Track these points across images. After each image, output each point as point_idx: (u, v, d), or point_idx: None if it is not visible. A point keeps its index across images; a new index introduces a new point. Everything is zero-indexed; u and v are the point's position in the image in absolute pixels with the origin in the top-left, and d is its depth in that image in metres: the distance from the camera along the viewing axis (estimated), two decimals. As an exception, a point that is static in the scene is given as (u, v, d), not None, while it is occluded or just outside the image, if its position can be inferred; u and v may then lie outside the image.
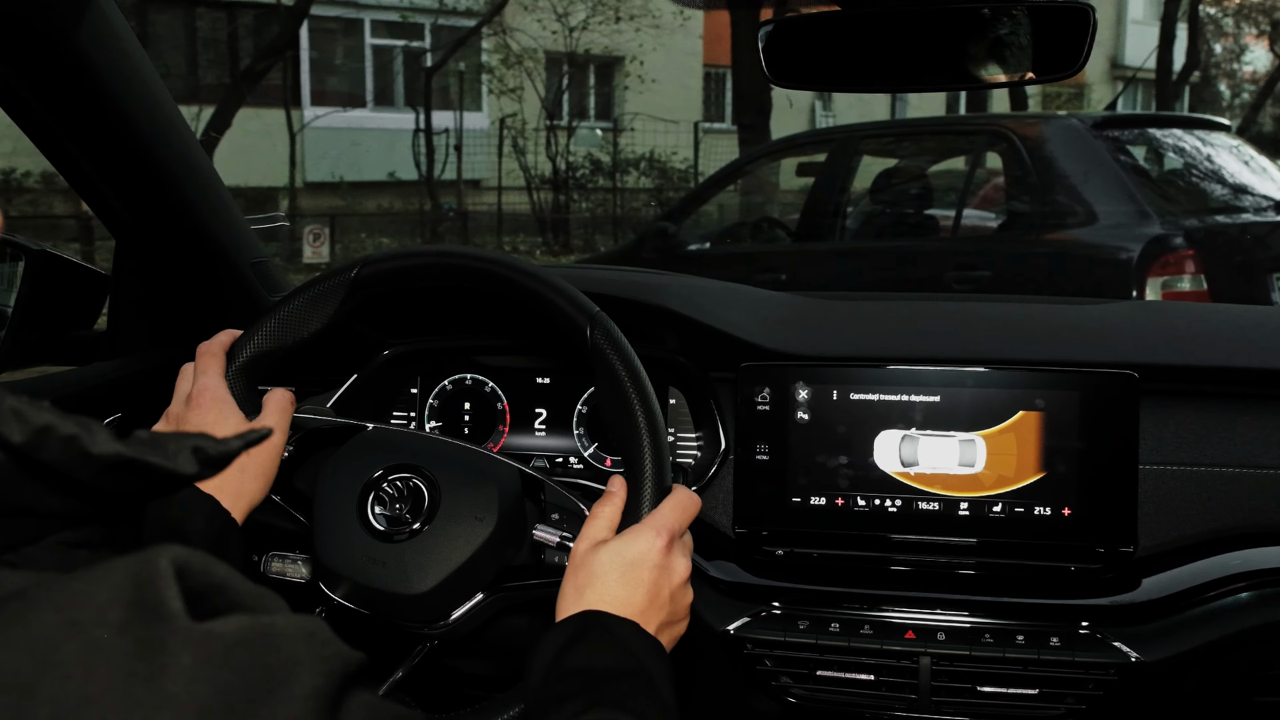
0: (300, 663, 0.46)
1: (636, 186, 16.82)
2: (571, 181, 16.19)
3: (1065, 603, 1.42)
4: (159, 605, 0.44)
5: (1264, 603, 1.41)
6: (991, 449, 1.46)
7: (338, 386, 1.56)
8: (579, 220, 16.10)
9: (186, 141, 1.40)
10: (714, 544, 1.52)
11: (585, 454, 1.62)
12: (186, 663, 0.43)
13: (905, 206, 5.85)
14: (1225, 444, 1.47)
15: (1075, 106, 21.90)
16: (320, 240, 11.93)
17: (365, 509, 1.18)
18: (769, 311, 1.66)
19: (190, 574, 0.46)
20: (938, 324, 1.62)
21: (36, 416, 0.47)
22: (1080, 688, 1.38)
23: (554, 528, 1.21)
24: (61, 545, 0.54)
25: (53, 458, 0.48)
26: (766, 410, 1.50)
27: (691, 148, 16.60)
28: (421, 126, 15.46)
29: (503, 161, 15.62)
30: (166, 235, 1.45)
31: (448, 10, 17.14)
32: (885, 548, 1.49)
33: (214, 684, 0.43)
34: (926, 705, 1.41)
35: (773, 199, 8.62)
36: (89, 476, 0.50)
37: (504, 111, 15.99)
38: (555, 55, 17.48)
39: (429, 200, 15.40)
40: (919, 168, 6.11)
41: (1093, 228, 4.90)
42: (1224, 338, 1.58)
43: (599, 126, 18.04)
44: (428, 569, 1.15)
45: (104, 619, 0.43)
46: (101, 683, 0.41)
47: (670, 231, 6.62)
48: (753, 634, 1.44)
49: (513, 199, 15.84)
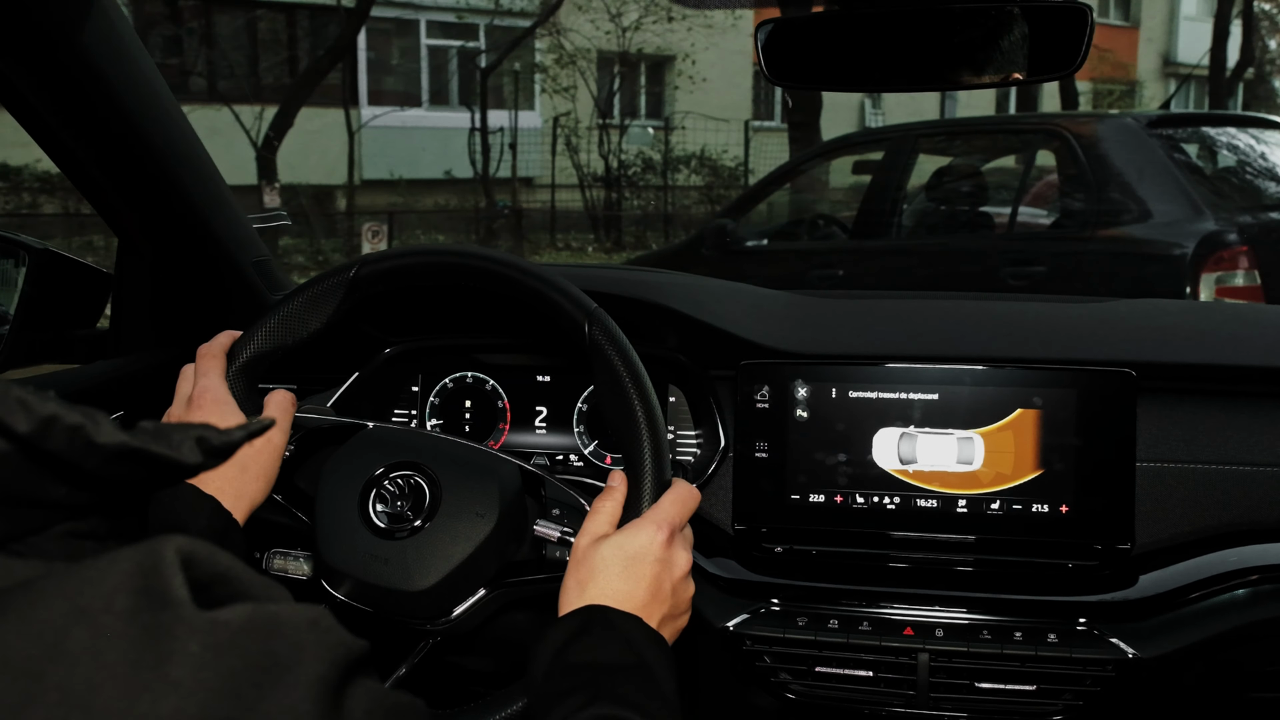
0: (304, 649, 0.47)
1: (687, 184, 16.92)
2: (623, 179, 16.35)
3: (1063, 599, 1.42)
4: (165, 593, 0.45)
5: (1261, 599, 1.41)
6: (989, 447, 1.46)
7: (339, 385, 1.59)
8: (630, 217, 16.25)
9: (189, 140, 1.42)
10: (713, 541, 1.54)
11: (585, 452, 1.63)
12: (192, 649, 0.43)
13: (960, 204, 5.88)
14: (1222, 441, 1.47)
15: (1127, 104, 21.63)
16: (379, 237, 12.18)
17: (367, 507, 1.19)
18: (768, 310, 1.67)
19: (196, 563, 0.47)
20: (936, 322, 1.62)
21: (42, 407, 0.48)
22: (1078, 684, 1.38)
23: (555, 523, 1.21)
24: (67, 535, 0.55)
25: (58, 447, 0.49)
26: (766, 408, 1.51)
27: (741, 146, 16.69)
28: (477, 125, 15.72)
29: (556, 159, 15.81)
30: (169, 234, 1.47)
31: (503, 11, 17.35)
32: (884, 545, 1.50)
33: (219, 670, 0.44)
34: (925, 701, 1.42)
35: (823, 196, 8.65)
36: (94, 466, 0.51)
37: (557, 110, 16.17)
38: (607, 55, 17.61)
39: (484, 198, 15.61)
40: (973, 165, 6.14)
41: (1147, 224, 4.89)
42: (1221, 336, 1.57)
43: (650, 125, 18.19)
44: (430, 565, 1.16)
45: (111, 606, 0.44)
46: (109, 669, 0.42)
47: (728, 228, 6.67)
48: (752, 630, 1.46)
49: (565, 196, 16.01)
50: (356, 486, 1.20)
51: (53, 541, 0.54)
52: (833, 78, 1.48)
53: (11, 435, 0.47)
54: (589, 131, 16.11)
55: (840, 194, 8.87)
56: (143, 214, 1.45)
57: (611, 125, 16.49)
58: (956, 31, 1.32)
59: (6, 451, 0.48)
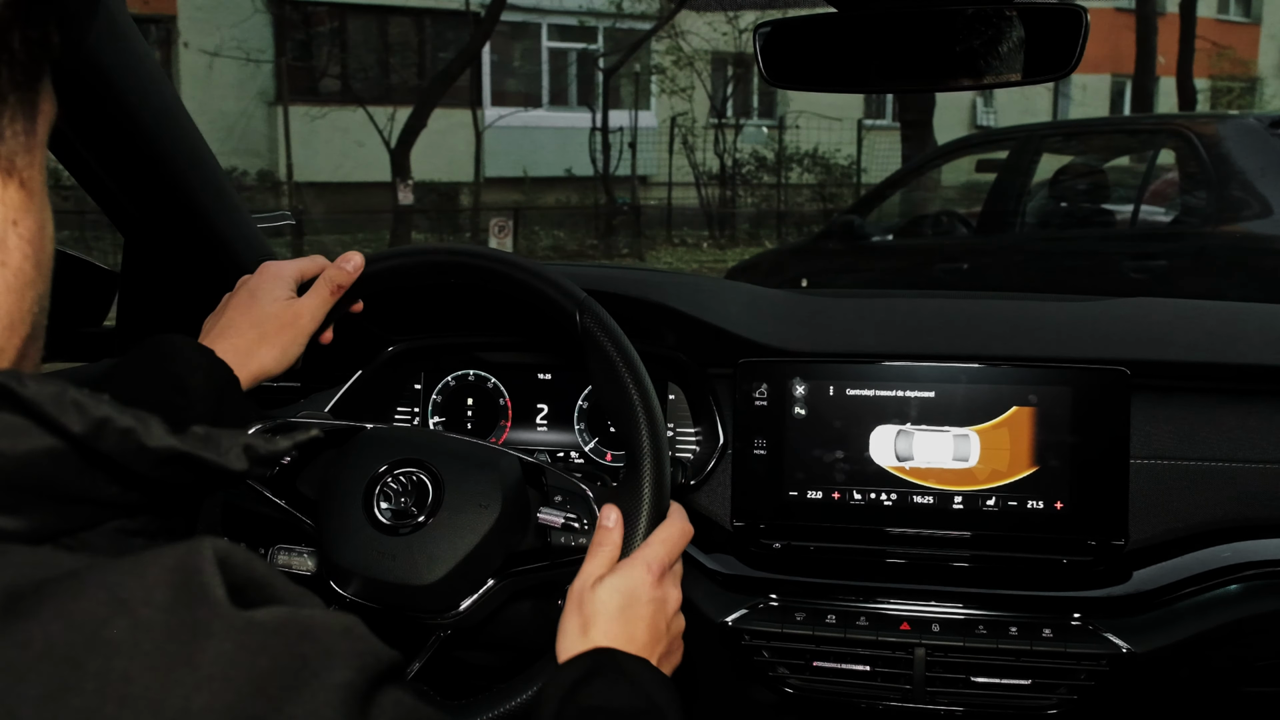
0: (334, 655, 0.47)
1: (800, 182, 17.34)
2: (738, 177, 16.77)
3: (1057, 595, 1.44)
4: (204, 590, 0.46)
5: (1253, 595, 1.43)
6: (985, 444, 1.48)
7: (343, 383, 1.60)
8: (744, 215, 16.68)
9: (194, 141, 1.42)
10: (712, 537, 1.55)
11: (586, 449, 1.65)
12: (225, 647, 0.44)
13: (1082, 201, 6.14)
14: (1215, 438, 1.49)
15: (1247, 102, 21.75)
16: (505, 232, 12.58)
17: (371, 505, 1.19)
18: (767, 309, 1.68)
19: (232, 566, 0.48)
20: (932, 321, 1.64)
21: (96, 409, 0.49)
22: (1072, 678, 1.40)
23: (557, 509, 1.22)
24: (118, 532, 0.56)
25: (110, 448, 0.50)
26: (764, 406, 1.53)
27: (854, 144, 16.95)
28: (598, 125, 16.29)
29: (672, 158, 16.19)
30: (175, 234, 1.47)
31: (624, 15, 17.81)
32: (881, 541, 1.51)
33: (250, 669, 0.44)
34: (921, 695, 1.44)
35: (937, 194, 8.99)
36: (144, 468, 0.52)
37: (674, 110, 16.54)
38: (722, 55, 17.98)
39: (604, 195, 16.08)
40: (1095, 164, 6.43)
41: (1268, 220, 5.08)
42: (1213, 334, 1.59)
43: (765, 124, 18.53)
44: (436, 559, 1.16)
45: (150, 599, 0.44)
46: (145, 660, 0.43)
47: (855, 224, 6.96)
48: (750, 625, 1.47)
49: (680, 194, 16.38)
50: (360, 485, 1.21)
51: (104, 538, 0.55)
52: (830, 79, 1.49)
53: (66, 435, 0.48)
54: (705, 131, 16.48)
55: (953, 191, 9.35)
56: (149, 214, 1.45)
57: (727, 124, 16.88)
58: (953, 34, 1.33)
59: (61, 450, 0.49)
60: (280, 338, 1.17)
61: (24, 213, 0.55)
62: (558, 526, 1.22)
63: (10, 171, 0.53)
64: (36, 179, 0.56)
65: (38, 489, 0.50)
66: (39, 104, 0.55)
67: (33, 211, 0.56)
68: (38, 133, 0.55)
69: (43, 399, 0.48)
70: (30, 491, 0.49)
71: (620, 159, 16.42)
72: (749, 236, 15.81)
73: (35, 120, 0.55)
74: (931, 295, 1.81)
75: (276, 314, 1.18)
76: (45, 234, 0.57)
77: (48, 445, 0.49)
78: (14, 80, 0.52)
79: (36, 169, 0.56)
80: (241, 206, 1.53)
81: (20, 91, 0.53)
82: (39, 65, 0.54)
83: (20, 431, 0.48)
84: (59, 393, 0.48)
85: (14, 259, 0.54)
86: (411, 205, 13.49)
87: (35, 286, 0.56)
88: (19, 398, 0.47)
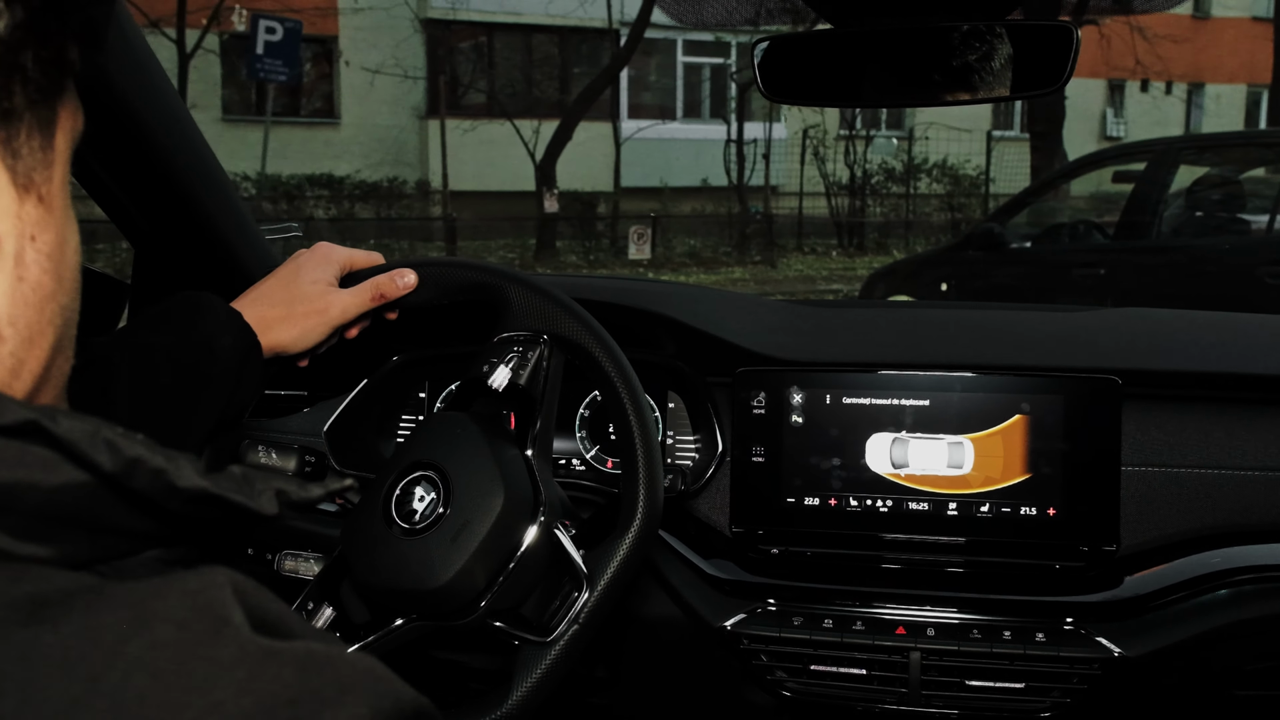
0: (348, 691, 0.46)
1: (928, 192, 17.73)
2: (867, 188, 17.10)
3: (1050, 599, 1.46)
4: (225, 615, 0.45)
5: (1242, 599, 1.44)
6: (979, 451, 1.51)
7: (348, 391, 1.62)
8: (873, 224, 17.05)
9: (202, 153, 1.44)
10: (711, 543, 1.57)
11: (588, 456, 1.67)
12: (239, 675, 0.43)
13: (1218, 210, 6.44)
14: (1205, 446, 1.51)
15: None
16: (644, 239, 13.33)
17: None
18: (764, 318, 1.71)
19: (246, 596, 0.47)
20: (927, 330, 1.66)
21: (129, 449, 0.49)
22: (1065, 682, 1.42)
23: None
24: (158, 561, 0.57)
25: (142, 487, 0.50)
26: (762, 414, 1.55)
27: (983, 155, 17.17)
28: (732, 137, 16.81)
29: (804, 168, 16.53)
30: (183, 245, 1.50)
31: (757, 31, 18.04)
32: (877, 546, 1.54)
33: (260, 697, 0.43)
34: (916, 699, 1.45)
35: (1066, 203, 9.22)
36: (175, 506, 0.52)
37: (806, 123, 16.81)
38: None
39: (738, 204, 16.52)
40: (1231, 175, 6.73)
41: None
42: (1204, 344, 1.61)
43: (894, 136, 18.81)
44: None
45: (171, 619, 0.44)
46: (160, 680, 0.42)
47: (995, 232, 7.24)
48: (749, 630, 1.49)
49: (810, 203, 16.80)
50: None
51: (143, 566, 0.55)
52: (827, 94, 1.52)
53: (98, 472, 0.49)
54: (835, 142, 16.76)
55: (1082, 201, 9.70)
56: (158, 225, 1.47)
57: (857, 136, 17.17)
58: (946, 50, 1.36)
59: (93, 485, 0.49)
60: (306, 320, 1.21)
61: (43, 228, 0.55)
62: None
63: (28, 188, 0.54)
64: (56, 194, 0.56)
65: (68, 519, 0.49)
66: (57, 120, 0.56)
67: (52, 226, 0.56)
68: (56, 148, 0.56)
69: (76, 436, 0.48)
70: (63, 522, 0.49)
71: (753, 169, 17.00)
72: (877, 245, 16.33)
73: (53, 136, 0.55)
74: (927, 306, 1.84)
75: (310, 297, 1.21)
76: (68, 247, 0.57)
77: (80, 480, 0.48)
78: (29, 98, 0.52)
79: (56, 184, 0.56)
80: (248, 217, 1.56)
81: (36, 109, 0.53)
82: (56, 83, 0.54)
83: (52, 465, 0.48)
84: (93, 431, 0.49)
85: (32, 273, 0.54)
86: (557, 213, 14.19)
87: (56, 299, 0.56)
88: (51, 435, 0.47)
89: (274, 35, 12.67)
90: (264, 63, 12.70)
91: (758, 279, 13.77)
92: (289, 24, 12.86)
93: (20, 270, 0.53)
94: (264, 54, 12.64)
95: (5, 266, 0.53)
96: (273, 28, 12.67)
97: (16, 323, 0.53)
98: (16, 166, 0.53)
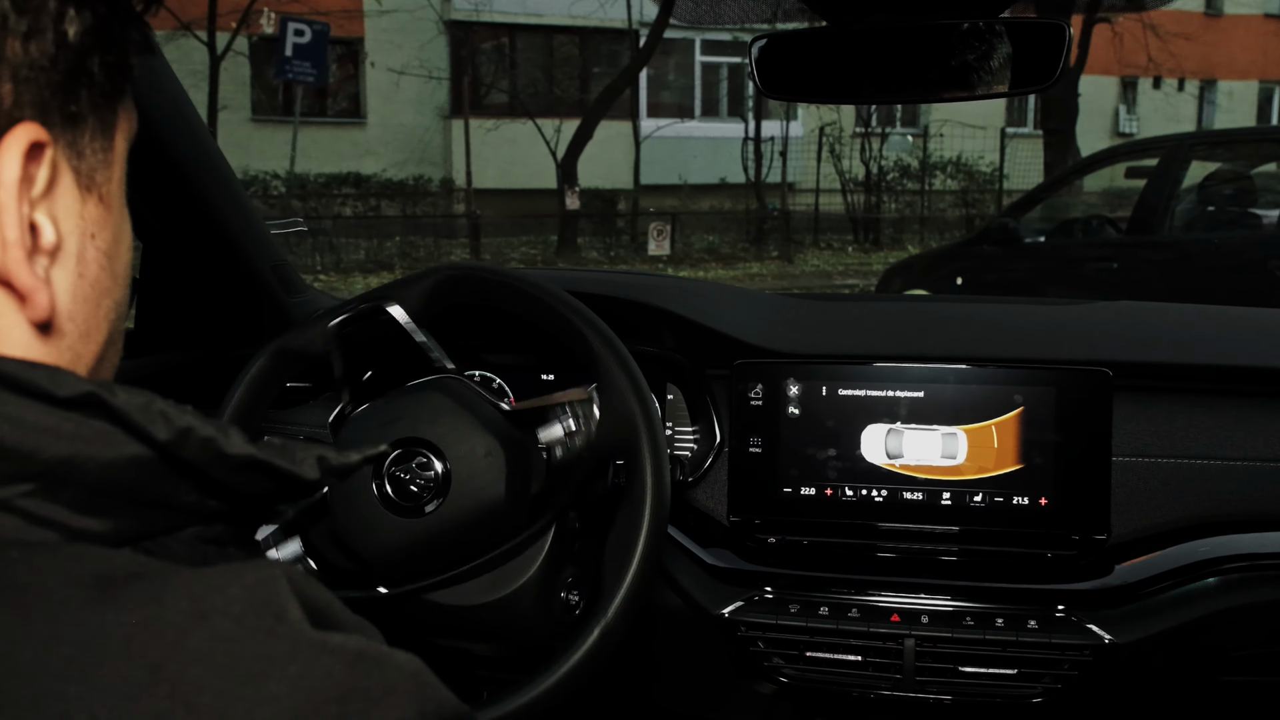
0: (394, 694, 0.46)
1: (943, 189, 17.89)
2: (882, 184, 17.19)
3: (1042, 587, 1.48)
4: (282, 610, 0.46)
5: (1230, 587, 1.47)
6: (972, 442, 1.53)
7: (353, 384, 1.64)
8: (888, 220, 17.16)
9: (209, 151, 1.46)
10: (709, 532, 1.59)
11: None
12: (292, 670, 0.44)
13: (1229, 205, 6.56)
14: (1195, 437, 1.53)
15: None
16: (664, 235, 13.53)
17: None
18: (762, 311, 1.73)
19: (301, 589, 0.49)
20: (922, 323, 1.69)
21: (180, 419, 0.52)
22: (1056, 668, 1.44)
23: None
24: (195, 539, 0.57)
25: (192, 456, 0.53)
26: (759, 405, 1.58)
27: (996, 152, 17.22)
28: (750, 135, 16.85)
29: (820, 165, 16.60)
30: (191, 241, 1.52)
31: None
32: (872, 535, 1.56)
33: (310, 694, 0.44)
34: (911, 685, 1.48)
35: (1078, 198, 9.27)
36: (223, 475, 0.55)
37: (822, 120, 16.90)
38: None
39: (756, 201, 16.63)
40: (1243, 170, 6.84)
41: None
42: (1193, 336, 1.63)
43: (909, 133, 18.90)
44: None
45: (230, 612, 0.45)
46: (217, 672, 0.43)
47: (1010, 226, 7.37)
48: (746, 617, 1.52)
49: (826, 200, 16.86)
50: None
51: (182, 544, 0.57)
52: (823, 91, 1.54)
53: (152, 442, 0.51)
54: (851, 139, 16.83)
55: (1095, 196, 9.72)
56: (167, 222, 1.49)
57: (872, 133, 17.23)
58: (941, 47, 1.37)
59: (146, 457, 0.52)
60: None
61: (102, 226, 0.57)
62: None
63: (90, 187, 0.56)
64: (114, 193, 0.59)
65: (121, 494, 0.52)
66: (118, 122, 0.58)
67: (110, 225, 0.58)
68: (116, 149, 0.58)
69: (131, 408, 0.50)
70: (114, 496, 0.51)
71: (770, 167, 17.07)
72: (893, 241, 16.41)
73: (114, 138, 0.58)
74: (922, 300, 1.86)
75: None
76: (123, 244, 0.60)
77: (133, 453, 0.51)
78: (93, 102, 0.55)
79: (114, 183, 0.59)
80: (255, 213, 1.58)
81: (99, 112, 0.56)
82: (118, 87, 0.57)
83: (109, 438, 0.50)
84: (147, 403, 0.51)
85: (91, 270, 0.57)
86: (578, 210, 14.38)
87: (111, 295, 0.59)
88: (109, 406, 0.50)
89: (302, 37, 12.69)
90: (293, 64, 12.72)
91: (775, 274, 13.81)
92: (317, 26, 12.88)
93: (81, 267, 0.56)
94: (293, 56, 12.66)
95: (68, 264, 0.55)
96: (301, 30, 12.69)
97: (75, 318, 0.56)
98: (80, 167, 0.56)
